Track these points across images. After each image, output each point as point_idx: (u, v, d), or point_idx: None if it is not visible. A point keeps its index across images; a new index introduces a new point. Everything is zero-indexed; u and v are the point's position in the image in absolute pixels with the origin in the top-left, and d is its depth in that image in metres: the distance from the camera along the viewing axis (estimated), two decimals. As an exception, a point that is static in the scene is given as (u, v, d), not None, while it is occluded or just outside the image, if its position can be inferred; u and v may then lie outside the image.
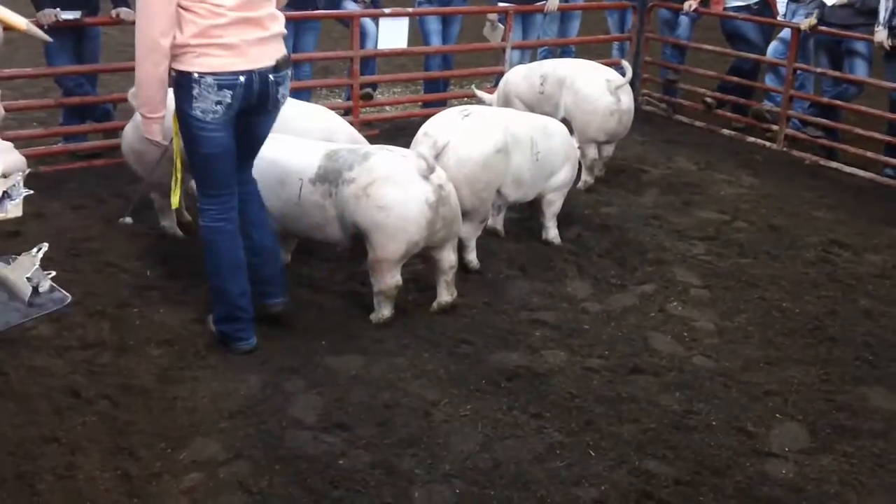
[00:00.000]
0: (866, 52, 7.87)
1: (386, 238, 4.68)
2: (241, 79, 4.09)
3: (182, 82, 4.11)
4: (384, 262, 4.74)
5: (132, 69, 4.26)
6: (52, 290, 4.81)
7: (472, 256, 5.52)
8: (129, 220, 4.97)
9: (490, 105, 7.46)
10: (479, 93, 7.56)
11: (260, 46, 4.15)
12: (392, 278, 4.79)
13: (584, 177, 7.02)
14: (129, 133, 5.59)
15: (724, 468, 3.88)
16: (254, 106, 4.23)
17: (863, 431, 4.17)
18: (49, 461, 3.76)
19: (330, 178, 4.79)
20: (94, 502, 3.55)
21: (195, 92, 4.08)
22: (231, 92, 4.09)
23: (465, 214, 5.21)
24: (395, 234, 4.66)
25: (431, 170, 4.66)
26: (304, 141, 5.11)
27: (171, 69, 4.09)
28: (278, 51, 4.24)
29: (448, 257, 4.95)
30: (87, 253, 5.58)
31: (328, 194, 4.79)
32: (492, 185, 5.38)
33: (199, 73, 4.05)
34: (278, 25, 4.26)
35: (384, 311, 4.88)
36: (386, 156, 4.78)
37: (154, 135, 4.32)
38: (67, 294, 4.79)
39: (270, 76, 4.18)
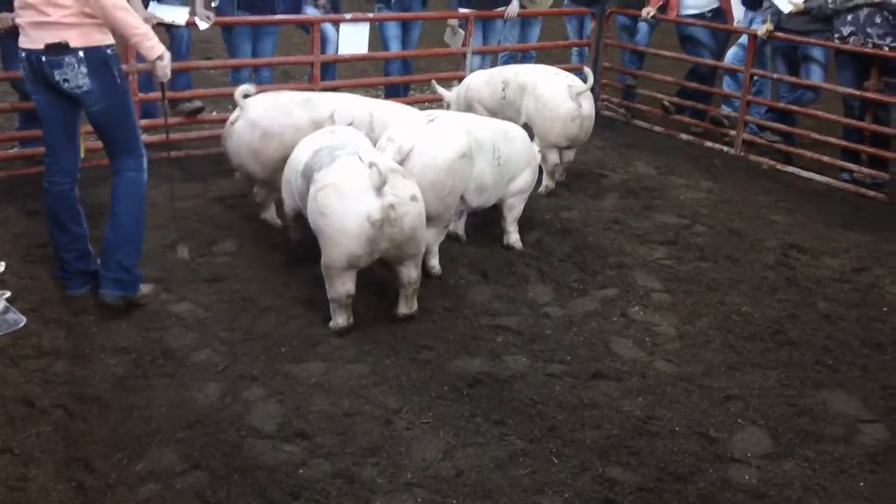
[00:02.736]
0: (822, 58, 7.95)
1: (327, 245, 4.68)
2: (23, 54, 4.73)
3: None
4: (330, 269, 4.72)
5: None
6: (6, 310, 4.77)
7: (434, 262, 5.49)
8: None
9: (448, 102, 7.47)
10: (440, 89, 7.55)
11: (36, 30, 4.64)
12: (342, 286, 4.74)
13: (546, 181, 7.02)
14: (246, 132, 5.81)
15: (688, 474, 3.88)
16: (52, 85, 4.72)
17: (824, 436, 4.20)
18: (1, 472, 3.68)
19: (308, 175, 4.88)
20: (47, 515, 3.49)
21: None
22: (23, 63, 4.76)
23: (430, 220, 5.20)
24: (333, 244, 4.65)
25: (382, 182, 4.55)
26: (319, 137, 5.24)
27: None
28: (54, 37, 4.61)
29: (408, 273, 4.89)
30: (44, 259, 5.47)
31: (307, 190, 4.86)
32: (456, 191, 5.36)
33: None
34: (59, 13, 4.60)
35: (338, 319, 4.83)
36: (345, 164, 4.70)
37: None
38: (22, 317, 4.74)
39: (42, 57, 4.65)
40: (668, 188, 7.43)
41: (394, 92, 8.98)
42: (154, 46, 4.75)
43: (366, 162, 4.63)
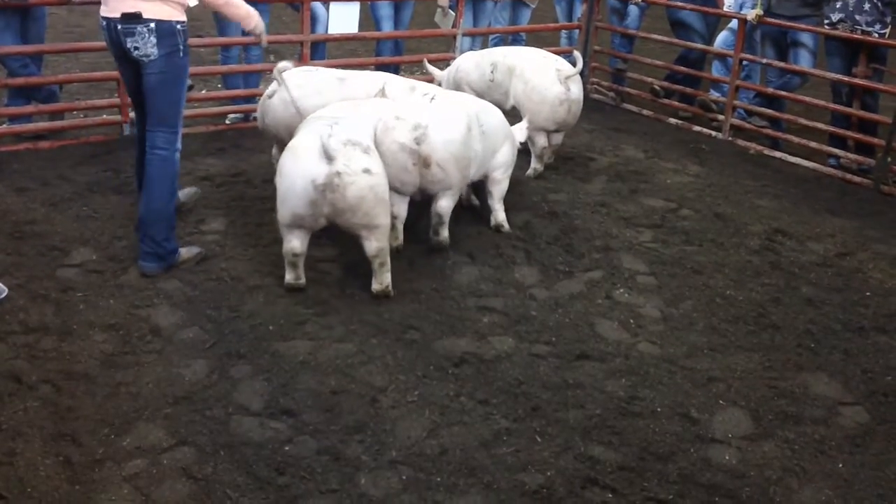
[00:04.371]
0: (811, 43, 7.99)
1: (279, 201, 4.92)
2: (104, 23, 5.02)
3: None
4: (280, 225, 4.96)
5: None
6: None
7: (445, 233, 5.60)
8: None
9: (440, 82, 7.48)
10: (431, 68, 7.56)
11: (116, 0, 4.93)
12: (288, 243, 4.95)
13: (534, 164, 7.04)
14: (280, 108, 5.92)
15: (668, 454, 3.93)
16: (124, 51, 5.00)
17: (804, 418, 4.25)
18: (-11, 447, 3.71)
19: None
20: (35, 489, 3.51)
21: None
22: (103, 32, 5.06)
23: (449, 190, 5.41)
24: (282, 201, 4.88)
25: (330, 156, 4.69)
26: (337, 107, 5.39)
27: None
28: (129, 7, 4.89)
29: (368, 246, 4.94)
30: (31, 236, 5.49)
31: None
32: (470, 160, 5.50)
33: None
34: None
35: (286, 276, 5.05)
36: (310, 131, 4.91)
37: None
38: (4, 287, 4.75)
39: (118, 26, 4.92)
40: (656, 172, 7.46)
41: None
42: (258, 25, 5.46)
43: (322, 131, 4.80)
